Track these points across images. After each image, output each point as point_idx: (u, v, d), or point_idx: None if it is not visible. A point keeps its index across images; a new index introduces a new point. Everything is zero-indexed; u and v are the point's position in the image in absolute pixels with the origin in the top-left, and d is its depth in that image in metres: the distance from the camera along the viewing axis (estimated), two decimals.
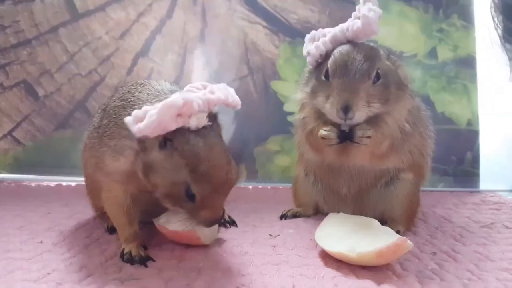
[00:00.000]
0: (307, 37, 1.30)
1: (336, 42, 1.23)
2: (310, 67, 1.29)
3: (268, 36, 1.97)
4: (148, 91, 1.06)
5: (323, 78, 1.19)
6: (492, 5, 1.81)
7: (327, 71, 1.18)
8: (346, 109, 1.10)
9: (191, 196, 0.94)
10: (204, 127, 0.95)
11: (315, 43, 1.25)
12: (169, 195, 0.96)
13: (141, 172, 0.97)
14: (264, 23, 1.97)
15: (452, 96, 1.92)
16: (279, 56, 1.97)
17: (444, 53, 1.93)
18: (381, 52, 1.22)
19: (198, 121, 0.93)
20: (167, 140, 0.93)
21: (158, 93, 1.05)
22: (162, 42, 1.98)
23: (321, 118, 1.23)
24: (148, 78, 1.95)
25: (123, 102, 1.07)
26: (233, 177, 0.98)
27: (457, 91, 1.91)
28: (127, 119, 0.93)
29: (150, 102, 1.01)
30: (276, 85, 1.96)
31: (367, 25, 1.18)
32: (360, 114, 1.13)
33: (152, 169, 0.95)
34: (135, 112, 0.92)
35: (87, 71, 1.98)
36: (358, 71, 1.12)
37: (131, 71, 1.97)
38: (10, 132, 1.99)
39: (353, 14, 1.25)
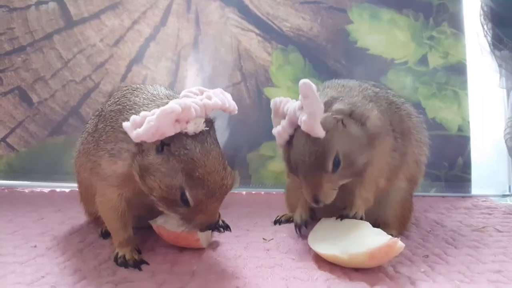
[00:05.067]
0: (272, 106, 1.20)
1: (295, 125, 1.13)
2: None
3: (261, 43, 1.99)
4: (144, 96, 1.07)
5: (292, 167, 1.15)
6: (481, 13, 1.83)
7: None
8: (316, 201, 1.10)
9: (185, 201, 0.95)
10: (201, 132, 0.96)
11: (277, 130, 1.16)
12: (165, 198, 0.96)
13: (137, 174, 0.98)
14: (257, 31, 1.99)
15: (443, 103, 1.94)
16: (272, 63, 1.99)
17: (435, 60, 1.95)
18: (340, 127, 1.09)
19: (195, 126, 0.95)
20: (165, 145, 0.94)
21: (154, 98, 1.05)
22: (156, 49, 2.00)
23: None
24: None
25: (119, 106, 1.07)
26: (229, 183, 0.99)
27: (448, 98, 1.94)
28: (125, 125, 0.94)
29: (146, 106, 1.02)
30: (269, 92, 1.98)
31: (311, 130, 1.07)
32: (330, 199, 1.10)
33: (148, 172, 0.96)
34: (133, 118, 0.93)
35: (81, 78, 1.99)
36: (315, 166, 1.08)
37: (125, 77, 1.99)
38: (3, 138, 1.99)
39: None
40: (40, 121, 1.98)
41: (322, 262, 1.06)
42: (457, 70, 1.95)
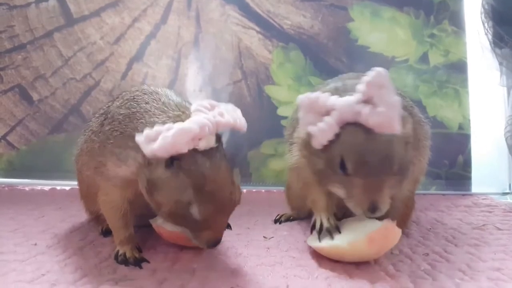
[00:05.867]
0: (304, 102, 1.05)
1: (344, 123, 1.01)
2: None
3: (261, 41, 1.99)
4: (154, 104, 1.04)
5: (339, 170, 1.01)
6: (482, 11, 1.83)
7: (342, 163, 1.00)
8: (373, 209, 0.99)
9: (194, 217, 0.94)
10: (211, 148, 0.95)
11: (319, 128, 1.02)
12: (173, 214, 0.95)
13: (144, 188, 0.97)
14: (258, 28, 1.99)
15: (444, 101, 1.94)
16: (273, 61, 1.98)
17: (436, 58, 1.95)
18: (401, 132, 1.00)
19: (207, 143, 0.94)
20: (174, 160, 0.93)
21: (165, 108, 1.03)
22: (157, 47, 2.00)
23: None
24: (142, 82, 1.97)
25: (128, 111, 1.06)
26: (237, 198, 0.98)
27: (449, 96, 1.94)
28: (139, 139, 0.92)
29: (157, 117, 1.00)
30: (269, 90, 1.98)
31: (387, 125, 0.97)
32: (386, 209, 1.01)
33: (157, 187, 0.95)
34: (147, 133, 0.92)
35: (81, 76, 1.99)
36: (381, 169, 0.98)
37: (125, 75, 1.99)
38: (4, 136, 1.99)
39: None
40: (41, 119, 1.99)
41: (323, 260, 1.06)
42: (458, 68, 1.95)
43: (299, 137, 1.13)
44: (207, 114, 0.98)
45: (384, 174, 0.98)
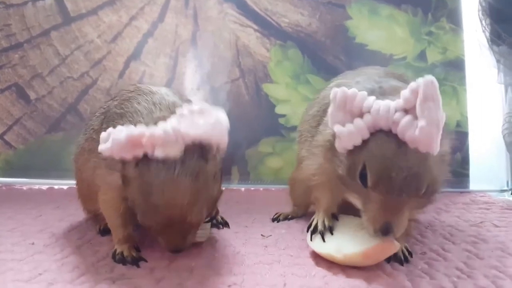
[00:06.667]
0: (337, 97, 0.94)
1: (376, 129, 0.92)
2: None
3: (259, 39, 1.99)
4: (145, 104, 1.03)
5: (358, 181, 0.93)
6: (480, 8, 1.83)
7: (363, 174, 0.92)
8: (386, 231, 0.91)
9: None
10: (174, 160, 0.91)
11: (348, 130, 0.93)
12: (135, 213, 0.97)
13: (122, 182, 0.98)
14: (256, 27, 1.99)
15: (441, 98, 1.93)
16: (270, 59, 1.98)
17: (433, 56, 1.95)
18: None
19: (163, 152, 0.90)
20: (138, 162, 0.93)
21: (154, 109, 1.01)
22: (154, 45, 2.00)
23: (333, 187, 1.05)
24: (140, 81, 1.96)
25: (121, 110, 1.06)
26: (193, 220, 0.94)
27: (446, 93, 1.94)
28: (101, 135, 0.93)
29: (143, 117, 1.00)
30: (267, 88, 1.98)
31: (426, 142, 0.86)
32: (400, 232, 0.93)
33: (125, 183, 0.96)
34: (109, 130, 0.93)
35: (79, 74, 1.98)
36: (406, 189, 0.88)
37: (123, 74, 1.98)
38: (1, 136, 1.99)
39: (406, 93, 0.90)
40: (38, 118, 1.98)
41: (320, 258, 1.06)
42: (456, 65, 1.95)
43: (325, 140, 1.06)
44: (176, 122, 0.94)
45: (407, 195, 0.88)
